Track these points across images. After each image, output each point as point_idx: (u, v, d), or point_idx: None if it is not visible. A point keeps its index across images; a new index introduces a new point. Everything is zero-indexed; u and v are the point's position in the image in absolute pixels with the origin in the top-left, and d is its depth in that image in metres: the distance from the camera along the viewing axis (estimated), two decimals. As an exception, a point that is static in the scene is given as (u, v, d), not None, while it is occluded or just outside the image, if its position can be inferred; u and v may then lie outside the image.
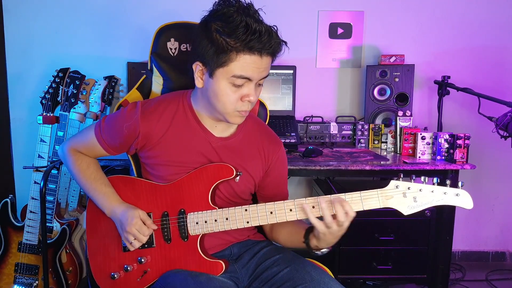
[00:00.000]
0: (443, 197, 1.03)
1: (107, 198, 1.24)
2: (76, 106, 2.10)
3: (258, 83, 1.15)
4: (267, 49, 1.07)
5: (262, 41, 1.05)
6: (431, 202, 1.04)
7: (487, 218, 2.67)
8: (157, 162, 1.23)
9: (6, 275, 2.03)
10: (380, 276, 2.05)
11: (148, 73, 1.58)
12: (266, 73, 1.14)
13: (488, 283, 2.41)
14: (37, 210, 1.98)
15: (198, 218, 1.18)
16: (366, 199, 1.06)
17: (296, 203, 1.11)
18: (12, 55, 2.45)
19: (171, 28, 1.55)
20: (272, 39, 1.07)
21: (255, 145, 1.28)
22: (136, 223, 1.17)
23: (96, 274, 1.28)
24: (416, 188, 1.04)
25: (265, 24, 1.07)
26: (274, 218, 1.13)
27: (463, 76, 2.48)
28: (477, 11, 2.50)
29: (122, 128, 1.21)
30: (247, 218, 1.15)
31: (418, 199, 1.04)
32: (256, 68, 1.09)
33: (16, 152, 2.52)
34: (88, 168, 1.29)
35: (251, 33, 1.04)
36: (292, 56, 2.49)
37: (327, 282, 1.15)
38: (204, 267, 1.19)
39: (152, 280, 1.22)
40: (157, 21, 1.60)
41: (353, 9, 2.50)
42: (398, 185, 1.05)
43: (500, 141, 1.95)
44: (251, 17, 1.05)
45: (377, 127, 2.30)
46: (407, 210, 1.05)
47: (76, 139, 1.32)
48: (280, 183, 1.36)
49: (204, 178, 1.20)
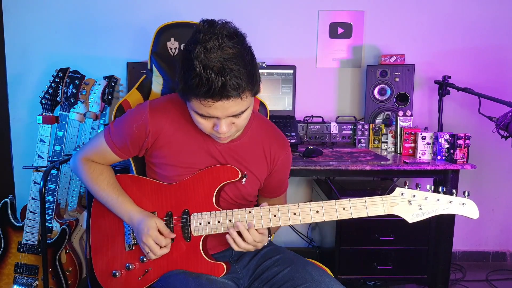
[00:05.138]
0: (448, 206, 1.03)
1: (124, 205, 1.23)
2: (75, 106, 2.10)
3: (237, 116, 1.08)
4: (219, 98, 1.00)
5: (213, 94, 0.99)
6: (436, 211, 1.03)
7: (487, 218, 2.67)
8: (164, 162, 1.22)
9: (5, 275, 2.02)
10: (380, 276, 2.05)
11: (148, 73, 1.58)
12: (236, 110, 1.05)
13: (488, 283, 2.41)
14: (36, 210, 1.97)
15: (202, 219, 1.18)
16: (371, 205, 1.06)
17: (300, 207, 1.12)
18: (12, 55, 2.45)
19: (171, 28, 1.55)
20: (225, 90, 0.98)
21: (261, 147, 1.27)
22: (152, 234, 1.17)
23: (98, 272, 1.28)
24: (421, 196, 1.04)
25: (225, 62, 0.98)
26: (278, 221, 1.13)
27: (463, 76, 2.48)
28: (477, 11, 2.50)
29: (132, 128, 1.20)
30: (250, 220, 1.15)
31: (423, 207, 1.04)
32: (216, 109, 1.03)
33: (16, 152, 2.52)
34: (101, 174, 1.27)
35: (202, 85, 0.98)
36: (292, 56, 2.51)
37: (327, 282, 1.15)
38: (206, 268, 1.18)
39: (153, 280, 1.23)
40: (157, 21, 1.60)
41: (353, 9, 2.50)
42: (403, 192, 1.05)
43: (500, 141, 1.94)
44: (209, 59, 0.98)
45: (378, 127, 2.30)
46: (412, 217, 1.05)
47: (87, 148, 1.30)
48: (281, 182, 1.36)
49: (209, 180, 1.20)
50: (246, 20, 2.46)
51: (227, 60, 0.99)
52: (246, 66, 1.02)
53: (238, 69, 0.99)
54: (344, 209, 1.08)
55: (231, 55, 1.00)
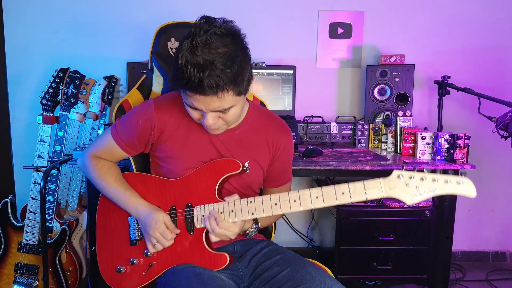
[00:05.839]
0: (445, 186, 1.02)
1: (131, 198, 1.26)
2: (76, 106, 2.10)
3: (223, 112, 1.12)
4: (197, 93, 1.06)
5: (191, 88, 1.05)
6: (434, 191, 1.02)
7: (487, 218, 2.67)
8: (170, 155, 1.26)
9: (6, 275, 2.02)
10: (380, 276, 2.05)
11: (148, 73, 1.58)
12: (217, 106, 1.09)
13: (488, 283, 2.41)
14: (37, 210, 1.98)
15: (205, 211, 1.21)
16: (369, 189, 1.06)
17: (300, 193, 1.13)
18: (12, 55, 2.45)
19: (171, 28, 1.56)
20: (201, 86, 1.03)
21: (263, 133, 1.30)
22: (160, 227, 1.20)
23: (103, 268, 1.30)
24: (418, 177, 1.03)
25: (208, 59, 1.02)
26: (279, 209, 1.15)
27: (463, 76, 2.48)
28: (477, 11, 2.50)
29: (138, 122, 1.24)
30: (252, 209, 1.17)
31: (420, 188, 1.03)
32: (198, 102, 1.09)
33: (16, 152, 2.52)
34: (109, 170, 1.31)
35: (182, 78, 1.04)
36: (292, 56, 2.51)
37: (327, 282, 1.15)
38: (209, 259, 1.20)
39: (157, 274, 1.24)
40: (157, 21, 1.61)
41: (353, 9, 2.50)
42: (400, 175, 1.04)
43: (500, 141, 1.95)
44: (193, 55, 1.02)
45: (377, 127, 2.30)
46: (410, 199, 1.04)
47: (94, 146, 1.34)
48: (283, 170, 1.38)
49: (212, 173, 1.23)
50: (246, 20, 2.46)
51: (212, 58, 1.02)
52: (233, 66, 1.04)
53: (222, 69, 1.03)
54: (343, 193, 1.09)
55: (218, 54, 1.03)
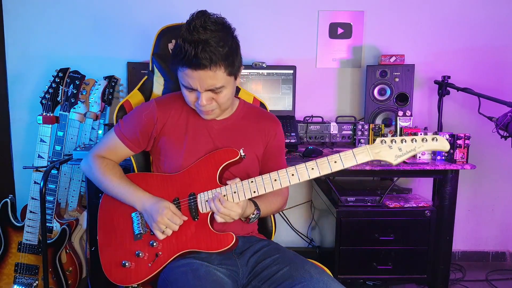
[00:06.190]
0: (423, 144, 1.17)
1: (136, 193, 1.30)
2: (76, 106, 2.10)
3: (215, 91, 1.23)
4: (194, 68, 1.17)
5: (187, 62, 1.17)
6: (414, 150, 1.18)
7: (487, 218, 2.67)
8: (170, 147, 1.33)
9: (6, 275, 2.03)
10: (380, 276, 2.05)
11: (149, 74, 1.58)
12: (212, 84, 1.20)
13: (488, 283, 2.41)
14: (37, 210, 1.98)
15: (208, 196, 1.26)
16: (358, 154, 1.19)
17: (297, 167, 1.22)
18: (12, 55, 2.45)
19: (172, 30, 1.57)
20: (196, 58, 1.15)
21: (254, 124, 1.41)
22: (167, 213, 1.24)
23: (106, 266, 1.30)
24: (399, 140, 1.18)
25: (203, 38, 1.15)
26: (279, 184, 1.23)
27: (463, 76, 2.48)
28: (477, 11, 2.51)
29: (141, 117, 1.34)
30: (253, 188, 1.24)
31: (402, 148, 1.18)
32: (193, 79, 1.19)
33: (16, 152, 2.52)
34: (114, 168, 1.36)
35: (180, 53, 1.17)
36: (292, 56, 2.51)
37: (326, 281, 1.15)
38: (216, 240, 1.23)
39: (163, 263, 1.26)
40: (157, 21, 1.61)
41: (353, 9, 2.50)
42: (383, 140, 1.19)
43: (500, 141, 1.95)
44: (190, 34, 1.16)
45: (377, 127, 2.30)
46: (395, 159, 1.18)
47: (98, 146, 1.40)
48: (276, 155, 1.43)
49: (212, 163, 1.29)
50: (247, 21, 2.47)
51: (207, 37, 1.15)
52: (225, 47, 1.17)
53: (215, 47, 1.16)
54: (335, 162, 1.20)
55: (212, 34, 1.16)
